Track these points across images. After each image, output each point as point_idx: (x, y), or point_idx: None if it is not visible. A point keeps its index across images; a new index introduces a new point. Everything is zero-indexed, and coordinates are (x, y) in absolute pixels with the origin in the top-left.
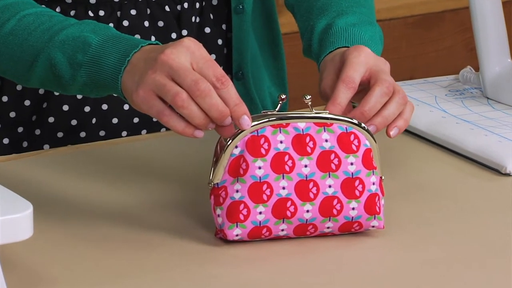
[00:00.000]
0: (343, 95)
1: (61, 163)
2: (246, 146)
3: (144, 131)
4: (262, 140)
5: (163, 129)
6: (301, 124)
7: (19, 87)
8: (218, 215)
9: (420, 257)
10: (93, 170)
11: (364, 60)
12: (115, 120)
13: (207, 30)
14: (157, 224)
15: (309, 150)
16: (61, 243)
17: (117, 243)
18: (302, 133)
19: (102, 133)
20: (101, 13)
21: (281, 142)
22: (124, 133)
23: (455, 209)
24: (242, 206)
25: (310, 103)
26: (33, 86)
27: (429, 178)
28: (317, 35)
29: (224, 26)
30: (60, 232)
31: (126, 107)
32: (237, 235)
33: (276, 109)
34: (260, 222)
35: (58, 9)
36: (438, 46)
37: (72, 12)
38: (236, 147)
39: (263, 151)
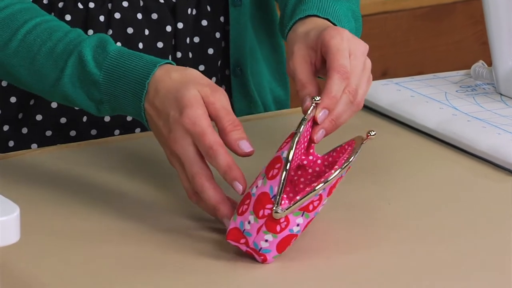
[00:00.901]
0: (338, 87)
1: (50, 163)
2: (329, 188)
3: (138, 130)
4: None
5: None
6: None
7: (4, 83)
8: (266, 240)
9: (427, 263)
10: (84, 170)
11: (347, 45)
12: (107, 118)
13: (204, 22)
14: (153, 226)
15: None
16: (50, 247)
17: (110, 248)
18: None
19: (93, 131)
20: (91, 5)
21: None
22: (116, 132)
23: (465, 212)
24: (295, 239)
25: (313, 105)
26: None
27: (438, 179)
28: (291, 6)
29: (222, 19)
30: (49, 236)
31: None
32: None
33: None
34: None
35: (45, 1)
36: (449, 40)
37: (61, 4)
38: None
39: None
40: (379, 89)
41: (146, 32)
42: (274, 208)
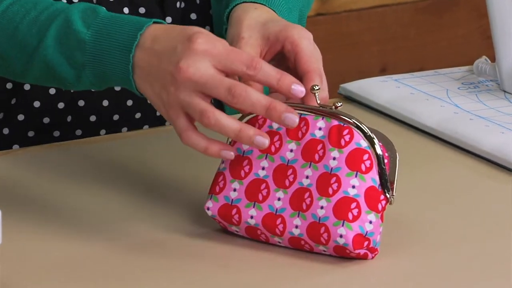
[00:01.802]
0: (325, 87)
1: (33, 163)
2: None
3: (124, 129)
4: (260, 115)
5: (146, 126)
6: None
7: None
8: (234, 189)
9: (427, 268)
10: (69, 171)
11: (314, 48)
12: (92, 118)
13: (193, 16)
14: (139, 228)
15: (300, 134)
16: (32, 252)
17: (96, 252)
18: (299, 116)
19: (78, 132)
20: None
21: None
22: (102, 132)
23: (467, 214)
24: (221, 177)
25: (317, 94)
26: (29, 82)
27: (439, 180)
28: None
29: (211, 12)
30: (32, 240)
31: (105, 103)
32: (208, 208)
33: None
34: (232, 200)
35: None
36: (451, 34)
37: None
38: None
39: (256, 126)
40: (378, 86)
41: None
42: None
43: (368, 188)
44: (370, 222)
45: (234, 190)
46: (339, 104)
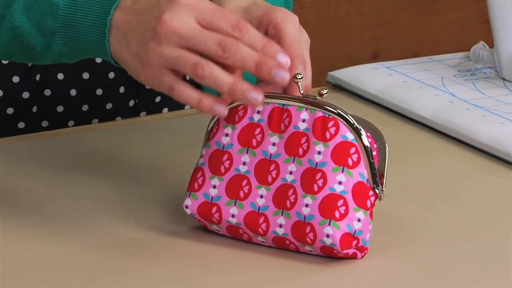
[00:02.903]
0: (309, 75)
1: None
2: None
3: (95, 120)
4: (240, 107)
5: (118, 118)
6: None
7: None
8: (214, 186)
9: (423, 267)
10: (37, 165)
11: (299, 33)
12: (60, 108)
13: None
14: (114, 226)
15: (282, 127)
16: (0, 252)
17: (69, 251)
18: (282, 107)
19: (44, 123)
20: None
21: (258, 112)
22: (71, 123)
23: (465, 210)
24: (200, 173)
25: (300, 83)
26: None
27: (434, 174)
28: None
29: None
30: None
31: (73, 92)
32: (187, 207)
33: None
34: (212, 197)
35: None
36: (446, 18)
37: None
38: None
39: (236, 118)
40: (369, 74)
41: None
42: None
43: (356, 184)
44: (359, 220)
45: (214, 187)
46: (325, 92)
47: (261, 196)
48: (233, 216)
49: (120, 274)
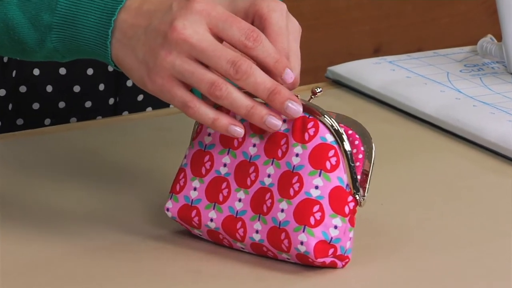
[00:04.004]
0: (296, 67)
1: None
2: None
3: (73, 119)
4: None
5: (99, 117)
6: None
7: None
8: (195, 188)
9: (427, 273)
10: (15, 166)
11: (286, 22)
12: (36, 106)
13: None
14: (97, 229)
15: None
16: None
17: (51, 256)
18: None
19: (20, 121)
20: None
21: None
22: (47, 121)
23: (469, 213)
24: (182, 175)
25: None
26: None
27: (439, 174)
28: None
29: None
30: None
31: (49, 88)
32: (168, 209)
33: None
34: (192, 200)
35: None
36: (452, 10)
37: None
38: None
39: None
40: (370, 69)
41: None
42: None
43: (333, 189)
44: (335, 227)
45: (195, 189)
46: (319, 90)
47: (240, 200)
48: (211, 220)
49: (108, 279)
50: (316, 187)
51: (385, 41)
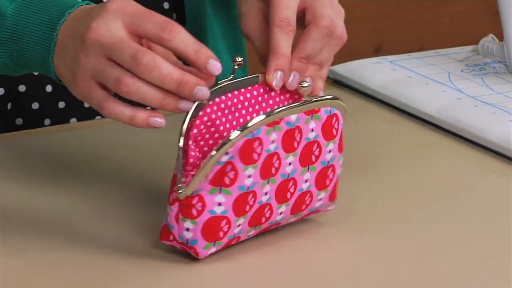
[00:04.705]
0: (284, 43)
1: None
2: (238, 153)
3: (73, 120)
4: (256, 144)
5: (98, 117)
6: (293, 117)
7: None
8: (188, 229)
9: (428, 275)
10: (14, 168)
11: None
12: (35, 105)
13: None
14: (99, 230)
15: (295, 145)
16: None
17: (52, 258)
18: (293, 127)
19: (19, 121)
20: None
21: (272, 142)
22: (47, 122)
23: (471, 214)
24: (224, 222)
25: (306, 92)
26: None
27: (440, 175)
28: None
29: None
30: None
31: (48, 88)
32: (210, 253)
33: (232, 75)
34: (235, 234)
35: None
36: (453, 9)
37: None
38: (227, 153)
39: (255, 157)
40: (371, 68)
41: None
42: (177, 187)
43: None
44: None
45: (239, 225)
46: (306, 85)
47: (281, 213)
48: (248, 235)
49: (110, 280)
50: (341, 166)
51: (386, 41)
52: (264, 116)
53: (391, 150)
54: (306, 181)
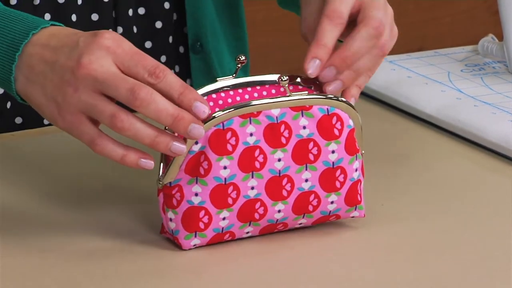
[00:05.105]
0: (329, 33)
1: None
2: (208, 142)
3: None
4: (229, 135)
5: None
6: (275, 111)
7: None
8: (171, 219)
9: (426, 270)
10: (13, 168)
11: None
12: None
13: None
14: (98, 231)
15: (283, 140)
16: None
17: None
18: (276, 121)
19: (18, 120)
20: None
21: (251, 134)
22: (46, 121)
23: (470, 213)
24: (202, 213)
25: (287, 85)
26: None
27: (440, 175)
28: None
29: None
30: None
31: None
32: (194, 245)
33: (234, 75)
34: (222, 228)
35: None
36: (453, 9)
37: None
38: (196, 143)
39: (229, 148)
40: None
41: (79, 1)
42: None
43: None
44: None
45: (224, 219)
46: (285, 79)
47: (279, 211)
48: (247, 232)
49: (110, 280)
50: (356, 170)
51: None
52: (233, 109)
53: (391, 150)
54: (306, 180)
